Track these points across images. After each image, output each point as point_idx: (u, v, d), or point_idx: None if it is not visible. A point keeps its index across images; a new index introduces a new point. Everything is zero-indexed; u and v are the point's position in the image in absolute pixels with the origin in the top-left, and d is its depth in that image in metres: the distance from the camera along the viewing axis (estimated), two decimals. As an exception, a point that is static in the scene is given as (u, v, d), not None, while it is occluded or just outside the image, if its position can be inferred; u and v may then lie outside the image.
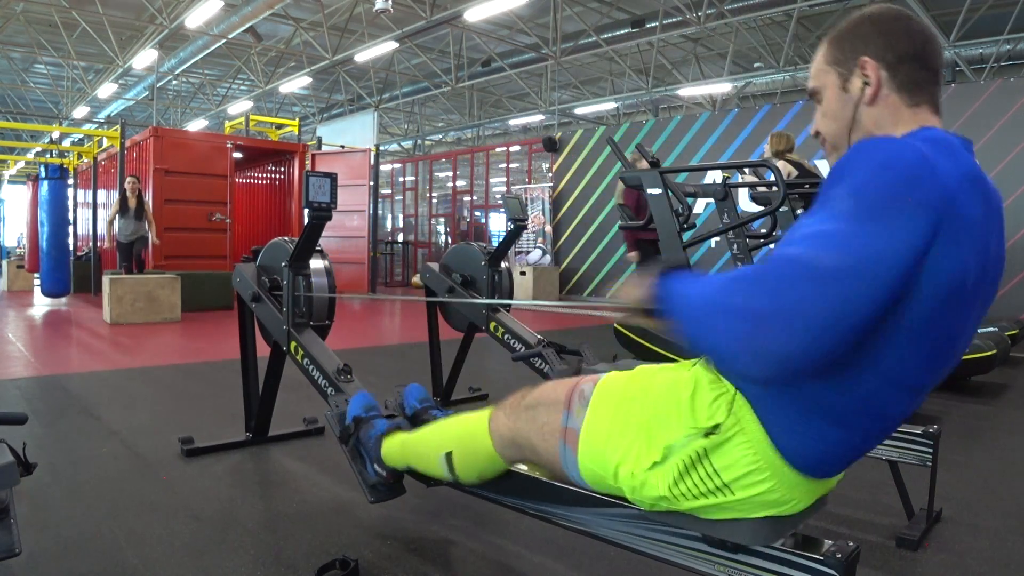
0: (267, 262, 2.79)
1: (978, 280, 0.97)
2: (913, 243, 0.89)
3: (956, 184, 0.92)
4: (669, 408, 1.15)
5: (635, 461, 1.16)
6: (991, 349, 4.21)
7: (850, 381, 1.00)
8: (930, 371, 1.03)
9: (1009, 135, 7.13)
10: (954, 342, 1.02)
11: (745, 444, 1.08)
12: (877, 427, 1.09)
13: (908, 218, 0.89)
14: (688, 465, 1.10)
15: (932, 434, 2.10)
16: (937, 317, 0.95)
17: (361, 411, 1.96)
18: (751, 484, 1.09)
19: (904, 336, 0.96)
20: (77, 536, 2.06)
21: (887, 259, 0.88)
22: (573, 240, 11.11)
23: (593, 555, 1.97)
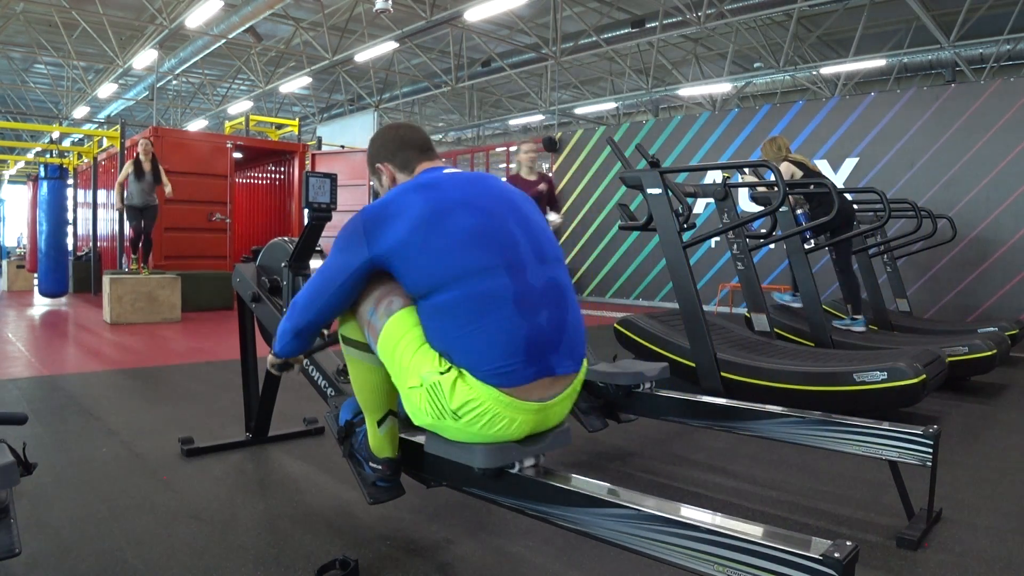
0: (267, 262, 2.79)
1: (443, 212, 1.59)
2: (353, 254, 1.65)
3: (401, 197, 1.64)
4: (428, 351, 1.59)
5: (405, 379, 1.61)
6: (991, 349, 4.21)
7: (426, 295, 1.58)
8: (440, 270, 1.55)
9: (1009, 135, 7.13)
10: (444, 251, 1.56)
11: (461, 381, 1.54)
12: (485, 310, 1.53)
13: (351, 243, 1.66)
14: (430, 391, 1.56)
15: (932, 434, 2.10)
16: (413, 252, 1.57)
17: (351, 415, 1.97)
18: (470, 411, 1.53)
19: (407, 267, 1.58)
20: (77, 536, 2.06)
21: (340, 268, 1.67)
22: (573, 240, 11.11)
23: (593, 555, 1.97)
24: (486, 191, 1.68)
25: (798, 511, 2.36)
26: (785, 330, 4.97)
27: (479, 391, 1.53)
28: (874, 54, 13.28)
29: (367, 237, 1.62)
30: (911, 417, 3.51)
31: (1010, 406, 4.08)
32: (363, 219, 1.64)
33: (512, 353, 1.54)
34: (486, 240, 1.58)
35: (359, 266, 1.63)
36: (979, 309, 7.29)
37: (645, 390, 2.70)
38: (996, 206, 7.18)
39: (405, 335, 1.61)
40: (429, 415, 1.59)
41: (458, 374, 1.54)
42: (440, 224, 1.57)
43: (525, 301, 1.57)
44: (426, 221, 1.57)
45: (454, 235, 1.57)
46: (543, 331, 1.58)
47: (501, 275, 1.56)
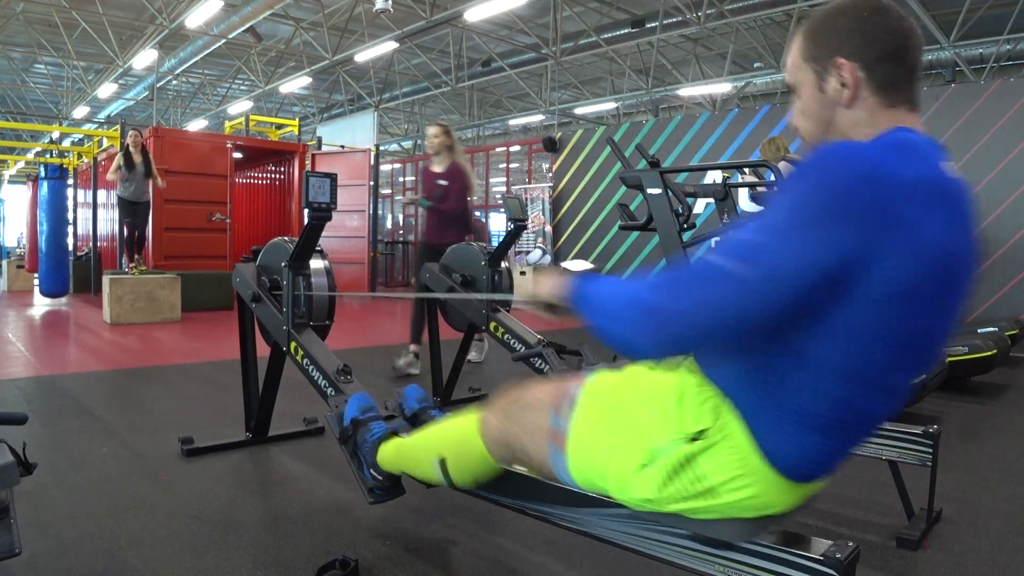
0: (267, 262, 2.79)
1: (940, 282, 0.98)
2: (830, 254, 0.93)
3: (908, 191, 0.94)
4: (655, 412, 1.16)
5: (622, 463, 1.18)
6: (991, 349, 4.20)
7: (818, 389, 1.03)
8: (898, 372, 1.04)
9: (1009, 135, 7.13)
10: (921, 343, 1.03)
11: (730, 450, 1.09)
12: (856, 429, 1.10)
13: (831, 230, 0.92)
14: (674, 469, 1.12)
15: (932, 434, 2.10)
16: (890, 319, 0.97)
17: (358, 413, 1.96)
18: (736, 489, 1.10)
19: (858, 340, 0.98)
20: (77, 536, 2.06)
21: (793, 271, 0.94)
22: (573, 240, 11.11)
23: (593, 555, 1.97)
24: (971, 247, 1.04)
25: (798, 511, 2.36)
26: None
27: (749, 462, 1.10)
28: (874, 54, 13.27)
29: (867, 217, 0.92)
30: (911, 417, 3.51)
31: (1010, 406, 4.08)
32: (863, 183, 0.92)
33: (820, 473, 1.16)
34: (926, 350, 1.06)
35: (827, 265, 0.94)
36: (979, 309, 7.29)
37: (645, 390, 2.69)
38: (996, 206, 7.19)
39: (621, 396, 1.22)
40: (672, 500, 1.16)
41: (721, 437, 1.10)
42: (938, 295, 0.99)
43: (871, 425, 1.14)
44: (934, 271, 0.97)
45: (928, 324, 1.01)
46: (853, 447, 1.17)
47: (896, 399, 1.10)
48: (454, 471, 1.56)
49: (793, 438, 1.07)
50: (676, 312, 1.00)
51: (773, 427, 1.07)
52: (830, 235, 0.92)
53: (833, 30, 1.07)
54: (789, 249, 0.94)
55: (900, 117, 1.06)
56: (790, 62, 1.14)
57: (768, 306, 0.97)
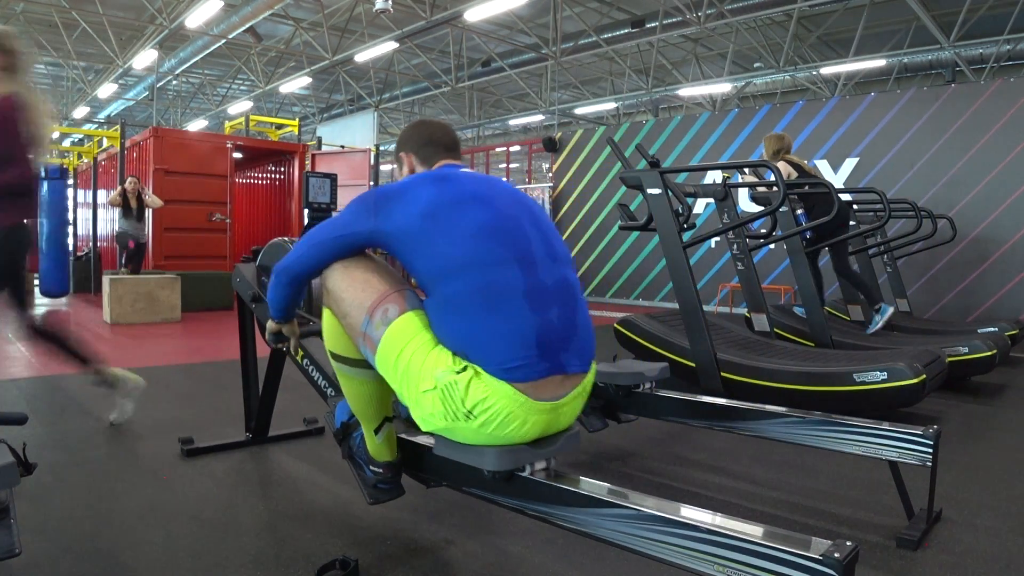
0: (267, 262, 2.79)
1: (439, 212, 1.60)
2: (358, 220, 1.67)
3: (403, 186, 1.68)
4: (439, 352, 1.57)
5: (416, 383, 1.57)
6: (991, 349, 4.21)
7: (450, 292, 1.55)
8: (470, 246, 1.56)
9: (1009, 135, 7.13)
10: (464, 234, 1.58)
11: (478, 379, 1.52)
12: (502, 301, 1.54)
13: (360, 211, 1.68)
14: (445, 391, 1.53)
15: (932, 434, 2.10)
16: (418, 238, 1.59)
17: (347, 416, 1.97)
18: (484, 410, 1.51)
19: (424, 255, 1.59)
20: (77, 536, 2.06)
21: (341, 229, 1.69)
22: (573, 240, 11.11)
23: (593, 555, 1.97)
24: (501, 191, 1.72)
25: (798, 511, 2.36)
26: (785, 330, 4.97)
27: (494, 388, 1.51)
28: (874, 54, 13.28)
29: (377, 211, 1.64)
30: (911, 417, 3.51)
31: (1010, 406, 4.08)
32: (376, 194, 1.68)
33: (524, 346, 1.53)
34: (498, 234, 1.60)
35: (359, 233, 1.67)
36: (979, 309, 7.29)
37: (645, 390, 2.70)
38: (996, 206, 7.19)
39: (413, 339, 1.59)
40: (442, 418, 1.56)
41: (473, 372, 1.52)
42: (453, 212, 1.60)
43: (536, 296, 1.57)
44: (440, 208, 1.60)
45: (466, 225, 1.59)
46: (554, 327, 1.58)
47: (512, 268, 1.57)
48: (342, 351, 1.80)
49: (464, 326, 1.54)
50: (291, 257, 1.78)
51: (451, 327, 1.55)
52: (359, 218, 1.67)
53: (401, 140, 1.93)
54: (341, 221, 1.70)
55: (441, 163, 1.84)
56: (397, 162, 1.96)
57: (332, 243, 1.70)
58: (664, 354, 4.00)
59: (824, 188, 4.60)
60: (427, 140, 1.86)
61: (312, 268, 1.76)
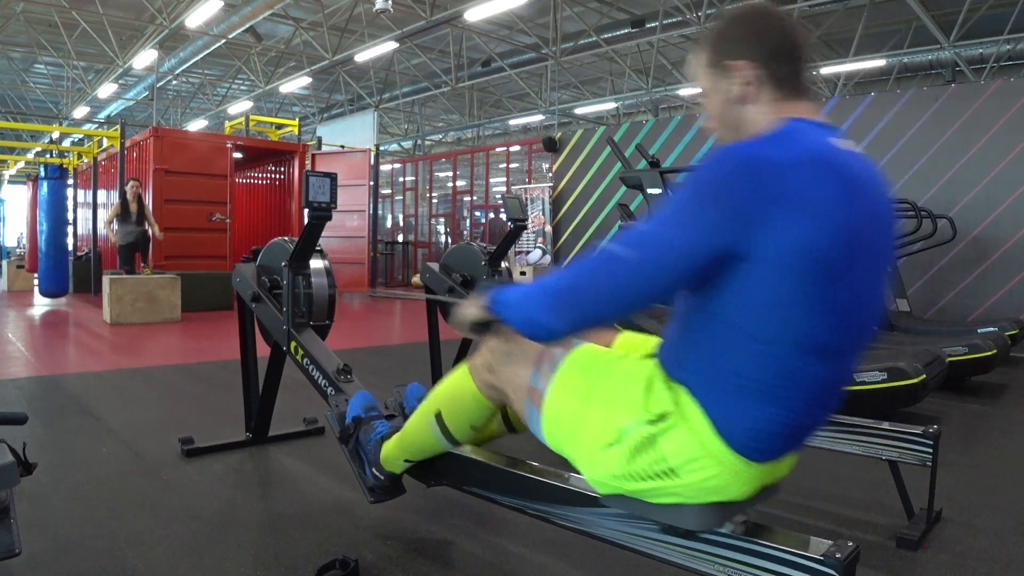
0: (267, 262, 2.79)
1: (848, 244, 1.06)
2: (703, 236, 1.06)
3: (784, 169, 1.04)
4: (627, 394, 1.23)
5: (592, 438, 1.25)
6: (991, 349, 4.20)
7: (760, 354, 1.11)
8: (835, 335, 1.12)
9: (1009, 135, 7.13)
10: (850, 304, 1.11)
11: (688, 432, 1.17)
12: (804, 398, 1.15)
13: (707, 216, 1.06)
14: (637, 448, 1.19)
15: (932, 434, 2.10)
16: (802, 283, 1.06)
17: (361, 411, 1.96)
18: (695, 470, 1.17)
19: (776, 305, 1.07)
20: (77, 536, 2.06)
21: (674, 254, 1.09)
22: (573, 240, 11.10)
23: (593, 555, 1.97)
24: (882, 211, 1.16)
25: (798, 511, 2.36)
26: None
27: (710, 451, 1.16)
28: (874, 54, 13.27)
29: (749, 216, 1.04)
30: (911, 417, 3.51)
31: (1010, 406, 4.08)
32: (745, 175, 1.05)
33: (791, 440, 1.20)
34: (857, 310, 1.14)
35: (710, 251, 1.07)
36: (979, 309, 7.29)
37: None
38: (996, 206, 7.18)
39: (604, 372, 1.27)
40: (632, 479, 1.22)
41: (679, 420, 1.18)
42: (847, 264, 1.07)
43: (834, 388, 1.20)
44: (837, 248, 1.05)
45: (845, 294, 1.10)
46: (821, 422, 1.25)
47: (838, 364, 1.16)
48: (450, 421, 1.60)
49: (741, 409, 1.14)
50: (579, 292, 1.16)
51: (723, 402, 1.15)
52: (706, 220, 1.06)
53: (729, 38, 1.21)
54: (669, 235, 1.10)
55: (793, 108, 1.18)
56: (695, 73, 1.27)
57: (654, 282, 1.11)
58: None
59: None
60: (786, 50, 1.17)
61: (598, 319, 1.20)
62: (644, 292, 1.12)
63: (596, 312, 1.16)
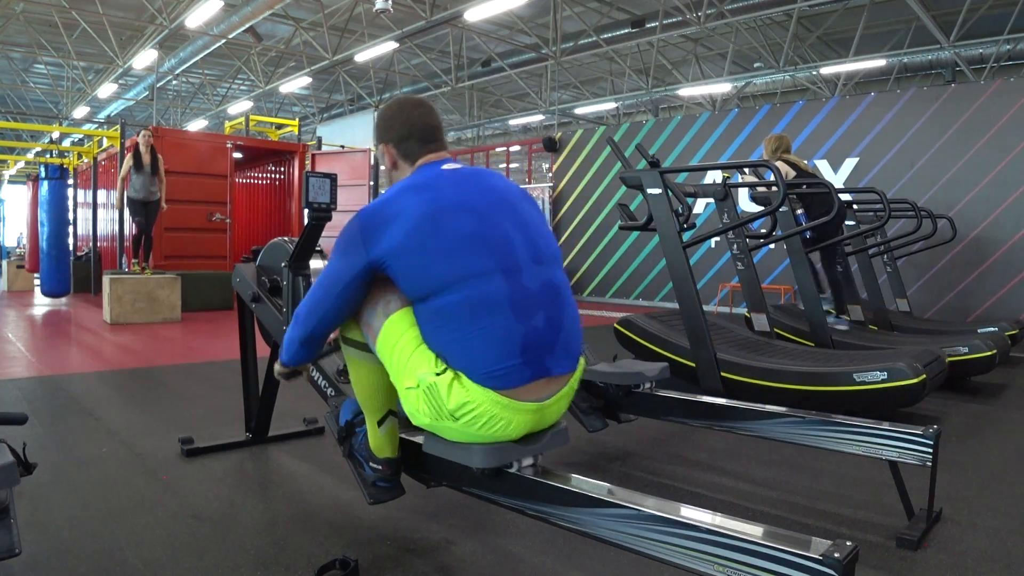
0: (267, 262, 2.79)
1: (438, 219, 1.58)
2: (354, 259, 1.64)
3: (387, 204, 1.63)
4: (425, 351, 1.61)
5: (402, 379, 1.63)
6: (991, 349, 4.21)
7: (424, 299, 1.58)
8: (461, 259, 1.56)
9: (1009, 135, 7.13)
10: (459, 245, 1.57)
11: (458, 383, 1.55)
12: (481, 313, 1.54)
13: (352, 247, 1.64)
14: (426, 392, 1.57)
15: (932, 434, 2.10)
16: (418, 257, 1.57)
17: (351, 415, 1.97)
18: (466, 412, 1.55)
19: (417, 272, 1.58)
20: (77, 536, 2.06)
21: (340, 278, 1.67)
22: (573, 240, 11.11)
23: (593, 555, 1.97)
24: (484, 190, 1.69)
25: (798, 511, 2.36)
26: (785, 330, 4.97)
27: (476, 393, 1.54)
28: (874, 54, 13.28)
29: (364, 241, 1.62)
30: (911, 417, 3.51)
31: (1010, 406, 4.08)
32: (360, 222, 1.65)
33: (508, 356, 1.55)
34: (481, 243, 1.60)
35: (359, 271, 1.64)
36: (979, 309, 7.29)
37: (645, 390, 2.70)
38: (996, 206, 7.19)
39: (403, 335, 1.63)
40: (427, 416, 1.60)
41: (454, 376, 1.55)
42: (436, 228, 1.58)
43: (521, 303, 1.58)
44: (422, 225, 1.59)
45: (450, 239, 1.58)
46: (539, 333, 1.59)
47: (497, 278, 1.57)
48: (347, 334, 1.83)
49: (455, 339, 1.55)
50: (303, 325, 1.77)
51: (444, 341, 1.57)
52: (351, 255, 1.64)
53: (377, 127, 1.87)
54: (335, 268, 1.67)
55: (419, 164, 1.78)
56: None
57: (338, 298, 1.68)
58: (664, 354, 4.00)
59: (823, 188, 4.60)
60: (407, 132, 1.78)
61: (331, 328, 1.77)
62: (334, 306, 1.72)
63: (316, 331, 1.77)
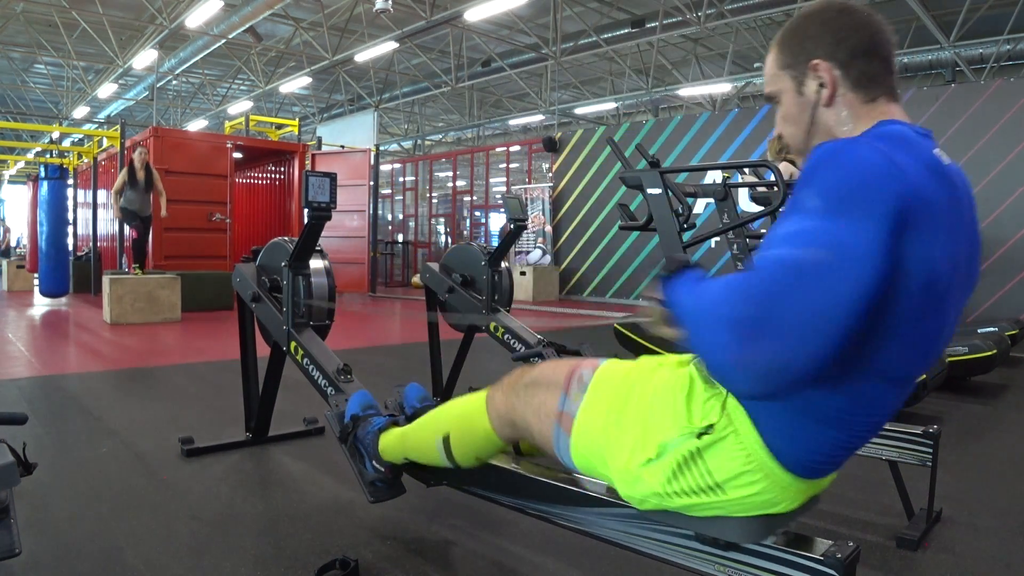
0: (267, 262, 2.79)
1: (954, 266, 0.96)
2: (880, 236, 0.87)
3: (918, 176, 0.92)
4: (665, 406, 1.15)
5: (629, 455, 1.17)
6: (991, 349, 4.20)
7: (841, 381, 0.99)
8: (918, 363, 1.02)
9: (1009, 135, 7.13)
10: (940, 331, 1.01)
11: (737, 446, 1.08)
12: (869, 423, 1.08)
13: (873, 212, 0.88)
14: (681, 463, 1.11)
15: (932, 434, 2.10)
16: (921, 308, 0.94)
17: (359, 410, 1.96)
18: (743, 485, 1.09)
19: (891, 331, 0.95)
20: (77, 536, 2.06)
21: (860, 250, 0.86)
22: (573, 240, 11.11)
23: (593, 555, 1.97)
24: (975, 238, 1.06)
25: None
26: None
27: (759, 464, 1.08)
28: (874, 54, 13.27)
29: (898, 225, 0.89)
30: (911, 417, 3.51)
31: (1010, 406, 4.08)
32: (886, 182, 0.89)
33: (846, 452, 1.13)
34: (940, 337, 1.03)
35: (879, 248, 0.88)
36: (979, 309, 7.29)
37: (645, 390, 2.69)
38: (996, 206, 7.18)
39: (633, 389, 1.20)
40: (677, 494, 1.14)
41: (730, 432, 1.09)
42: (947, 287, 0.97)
43: (898, 402, 1.08)
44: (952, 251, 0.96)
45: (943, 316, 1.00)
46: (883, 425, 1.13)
47: (902, 390, 1.07)
48: (456, 449, 1.55)
49: (801, 430, 1.05)
50: (756, 320, 0.86)
51: (783, 423, 1.05)
52: (870, 218, 0.87)
53: (806, 35, 1.08)
54: (843, 228, 0.87)
55: (881, 111, 1.06)
56: (768, 73, 1.14)
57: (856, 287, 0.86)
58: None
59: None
60: (870, 46, 1.05)
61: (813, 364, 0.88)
62: (849, 316, 0.87)
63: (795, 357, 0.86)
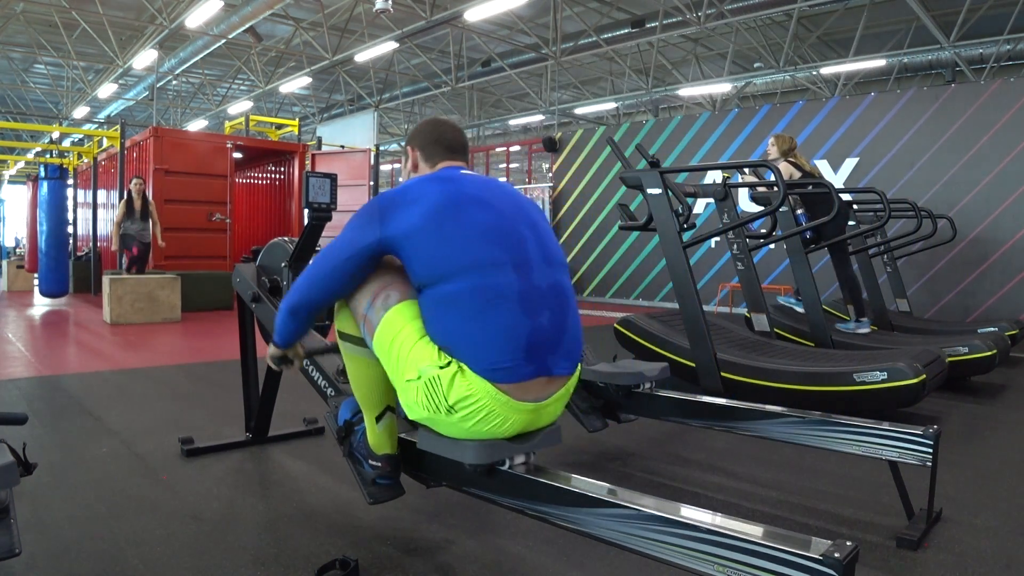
0: (267, 262, 2.79)
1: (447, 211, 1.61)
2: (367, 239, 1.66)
3: (409, 190, 1.68)
4: (426, 344, 1.61)
5: (402, 372, 1.63)
6: (991, 349, 4.20)
7: (447, 293, 1.57)
8: (473, 251, 1.58)
9: (1009, 135, 7.13)
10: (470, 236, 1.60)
11: (462, 377, 1.56)
12: (497, 303, 1.56)
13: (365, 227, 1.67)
14: (428, 384, 1.57)
15: (932, 434, 2.10)
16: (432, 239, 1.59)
17: (350, 414, 1.97)
18: (467, 406, 1.55)
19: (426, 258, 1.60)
20: (77, 536, 2.06)
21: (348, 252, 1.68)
22: (573, 240, 11.11)
23: (593, 555, 1.97)
24: (500, 193, 1.74)
25: (798, 511, 2.36)
26: (785, 330, 4.97)
27: (477, 387, 1.55)
28: (874, 54, 13.28)
29: (381, 218, 1.65)
30: (911, 417, 3.51)
31: (1010, 406, 4.08)
32: (380, 201, 1.69)
33: (513, 350, 1.56)
34: (497, 236, 1.63)
35: (367, 245, 1.66)
36: (979, 309, 7.29)
37: (645, 390, 2.70)
38: (996, 206, 7.19)
39: (404, 328, 1.64)
40: (425, 409, 1.60)
41: (457, 368, 1.56)
42: (455, 215, 1.62)
43: (529, 300, 1.60)
44: (442, 210, 1.62)
45: (468, 227, 1.61)
46: (544, 331, 1.61)
47: (508, 272, 1.60)
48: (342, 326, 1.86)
49: (468, 333, 1.55)
50: (296, 291, 1.79)
51: (459, 338, 1.56)
52: (365, 229, 1.67)
53: (409, 134, 1.94)
54: (345, 239, 1.70)
55: (443, 164, 1.84)
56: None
57: (341, 267, 1.69)
58: (664, 354, 4.00)
59: (824, 188, 4.60)
60: (435, 139, 1.86)
61: (326, 300, 1.77)
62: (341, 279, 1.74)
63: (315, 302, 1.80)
